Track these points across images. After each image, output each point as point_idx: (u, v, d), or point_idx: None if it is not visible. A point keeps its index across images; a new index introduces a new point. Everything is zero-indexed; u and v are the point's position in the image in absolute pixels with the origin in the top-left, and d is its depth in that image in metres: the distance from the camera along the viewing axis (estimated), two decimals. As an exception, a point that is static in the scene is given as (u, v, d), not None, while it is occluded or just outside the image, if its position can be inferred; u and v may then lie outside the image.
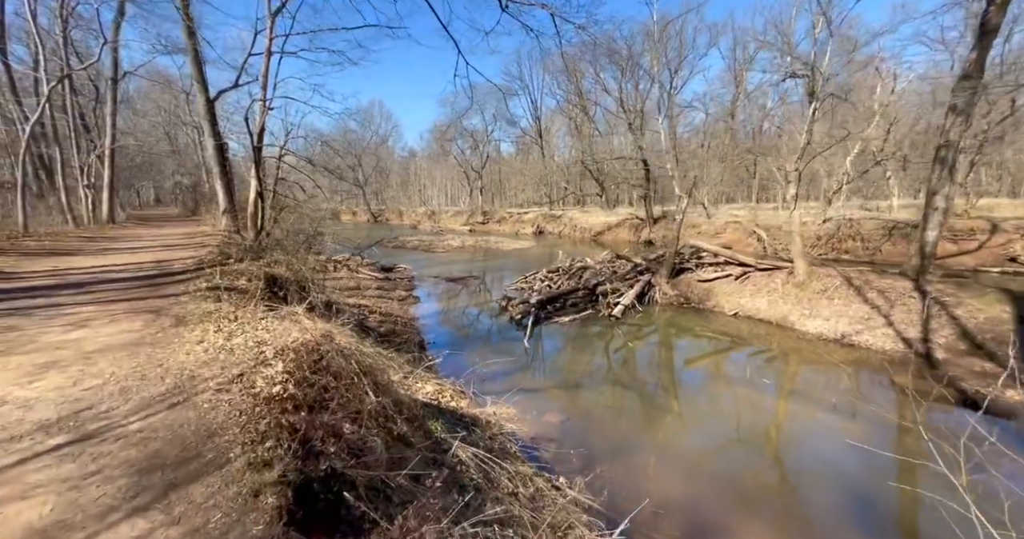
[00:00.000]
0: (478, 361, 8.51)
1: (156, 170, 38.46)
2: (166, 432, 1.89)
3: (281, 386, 2.15)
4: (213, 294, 4.35)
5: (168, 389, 2.32)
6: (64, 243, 10.04)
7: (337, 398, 2.43)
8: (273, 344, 2.77)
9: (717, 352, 8.68)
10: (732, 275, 11.11)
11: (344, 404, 2.45)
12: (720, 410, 6.28)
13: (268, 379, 2.25)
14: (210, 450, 1.74)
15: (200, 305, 4.00)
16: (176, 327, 3.45)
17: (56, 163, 14.33)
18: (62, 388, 2.39)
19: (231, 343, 3.01)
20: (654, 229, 28.57)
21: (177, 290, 4.74)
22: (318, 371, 2.56)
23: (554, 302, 12.11)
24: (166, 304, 4.17)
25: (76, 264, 6.84)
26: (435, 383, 5.16)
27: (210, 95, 13.38)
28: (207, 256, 7.02)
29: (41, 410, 2.14)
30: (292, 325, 3.18)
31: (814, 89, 9.19)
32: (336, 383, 2.55)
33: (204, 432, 1.88)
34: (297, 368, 2.36)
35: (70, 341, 3.18)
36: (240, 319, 3.54)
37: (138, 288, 4.93)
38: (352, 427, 2.13)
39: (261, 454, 1.67)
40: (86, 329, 3.43)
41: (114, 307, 4.11)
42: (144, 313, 3.88)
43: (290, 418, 1.92)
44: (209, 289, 4.49)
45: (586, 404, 6.45)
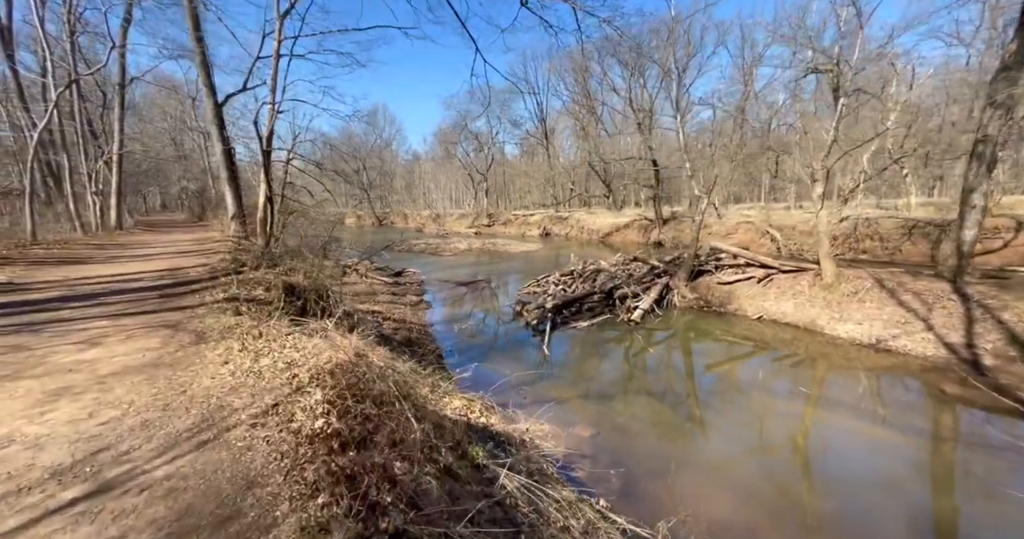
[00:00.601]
0: (496, 369, 8.25)
1: (162, 176, 38.56)
2: (197, 480, 1.63)
3: (323, 420, 1.89)
4: (232, 306, 4.11)
5: (195, 423, 2.06)
6: (73, 251, 9.87)
7: (382, 429, 2.16)
8: (305, 365, 2.52)
9: (744, 358, 8.36)
10: (755, 277, 10.78)
11: (390, 436, 2.18)
12: (756, 421, 5.96)
13: (308, 410, 1.99)
14: (251, 506, 1.48)
15: (220, 319, 3.76)
16: (196, 345, 3.21)
17: (64, 170, 14.22)
18: (76, 421, 2.13)
19: (259, 365, 2.75)
20: (663, 230, 28.24)
21: (193, 301, 4.51)
22: (359, 397, 2.30)
23: (569, 306, 11.83)
24: (183, 318, 3.93)
25: (87, 273, 6.63)
26: (463, 398, 4.88)
27: (218, 99, 13.22)
28: (220, 264, 6.80)
29: (53, 451, 1.88)
30: (322, 342, 2.93)
31: (839, 84, 8.87)
32: (378, 411, 2.29)
33: (242, 480, 1.62)
34: (338, 397, 2.10)
35: (83, 362, 2.94)
36: (265, 336, 3.29)
37: (152, 299, 4.70)
38: (403, 466, 1.87)
39: (315, 515, 1.41)
40: (100, 348, 3.19)
41: (128, 321, 3.88)
42: (161, 328, 3.64)
43: (339, 460, 1.65)
44: (227, 300, 4.24)
45: (615, 415, 6.16)
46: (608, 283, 12.64)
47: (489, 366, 8.33)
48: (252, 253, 7.84)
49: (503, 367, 8.45)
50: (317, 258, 7.25)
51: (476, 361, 8.91)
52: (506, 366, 8.56)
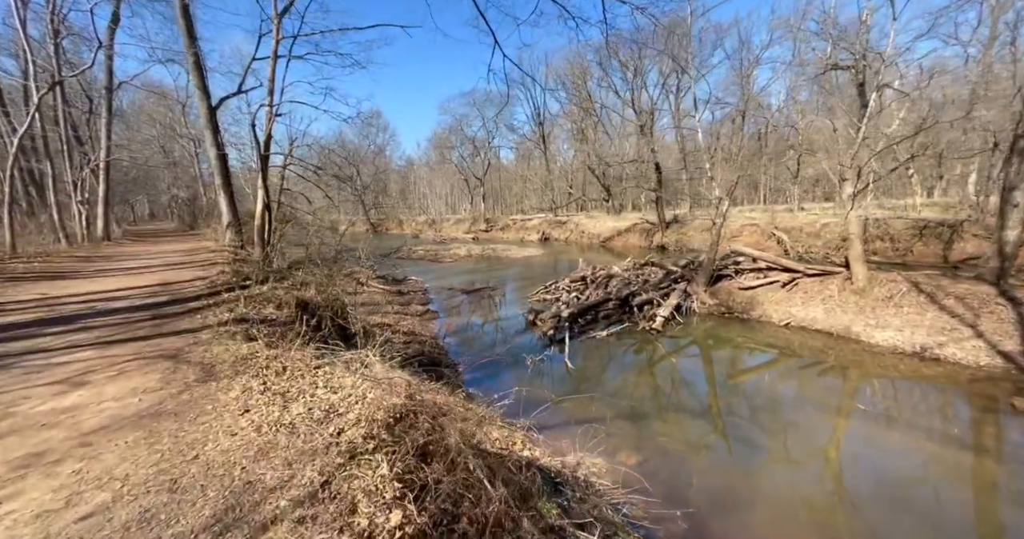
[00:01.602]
0: (517, 386, 7.70)
1: (151, 184, 37.60)
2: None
3: (400, 513, 1.35)
4: (241, 329, 3.53)
5: (216, 514, 1.48)
6: (56, 264, 9.17)
7: (461, 505, 1.62)
8: (350, 414, 1.97)
9: (780, 368, 7.90)
10: (779, 281, 10.36)
11: (470, 514, 1.64)
12: (811, 442, 5.45)
13: (373, 494, 1.44)
14: None
15: (229, 346, 3.19)
16: (205, 383, 2.63)
17: (47, 178, 13.48)
18: (47, 514, 1.53)
19: (289, 413, 2.18)
20: (666, 234, 27.92)
21: (194, 323, 3.93)
22: (425, 458, 1.75)
23: (585, 314, 11.32)
24: (184, 345, 3.36)
25: (70, 290, 5.99)
26: (501, 426, 4.31)
27: (212, 102, 12.61)
28: (220, 277, 6.19)
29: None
30: (360, 379, 2.38)
31: (864, 79, 8.57)
32: (450, 478, 1.74)
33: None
34: (405, 469, 1.55)
35: (62, 412, 2.35)
36: (290, 370, 2.72)
37: (146, 322, 4.10)
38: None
39: None
40: (84, 389, 2.60)
41: (119, 351, 3.29)
42: (159, 359, 3.06)
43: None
44: (236, 322, 3.67)
45: (657, 438, 5.63)
46: (624, 289, 12.16)
47: (507, 381, 7.78)
48: (254, 264, 7.24)
49: (523, 382, 7.89)
50: (328, 269, 6.66)
51: (493, 376, 8.38)
52: (527, 381, 8.00)
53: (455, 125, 48.46)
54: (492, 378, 8.26)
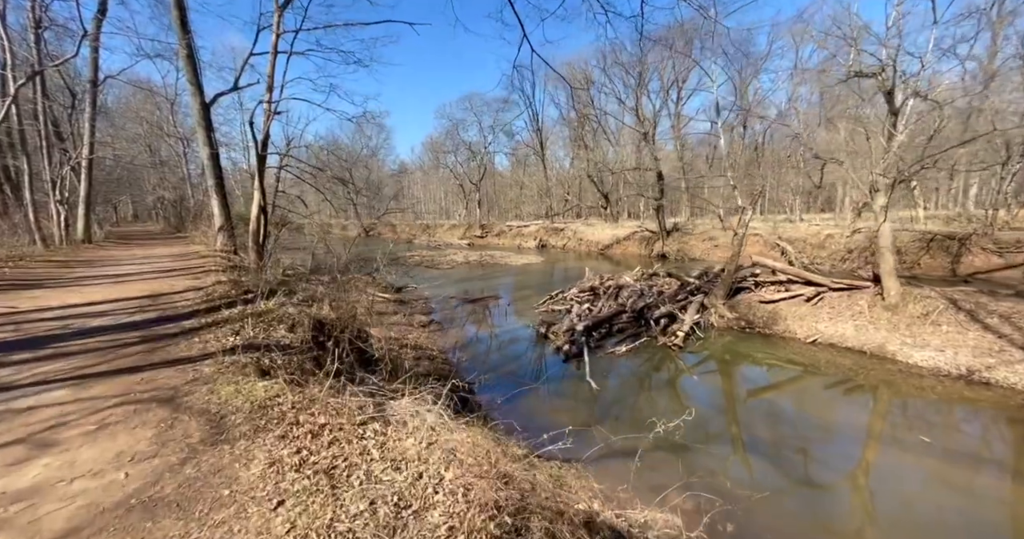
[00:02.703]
0: (540, 409, 7.12)
1: (136, 184, 36.28)
2: None
3: None
4: (251, 359, 2.91)
5: None
6: (30, 270, 8.34)
7: None
8: (430, 512, 1.39)
9: (811, 389, 7.44)
10: (803, 295, 9.96)
11: None
12: (895, 484, 4.93)
13: None
14: None
15: (240, 385, 2.56)
16: (215, 446, 1.99)
17: (24, 175, 12.57)
18: None
19: (345, 512, 1.52)
20: (667, 242, 27.66)
21: (193, 349, 3.28)
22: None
23: (598, 328, 10.80)
24: (183, 382, 2.71)
25: (43, 302, 5.26)
26: (548, 470, 3.72)
27: (205, 98, 11.89)
28: (217, 287, 5.51)
29: None
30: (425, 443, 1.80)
31: (893, 87, 8.30)
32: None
33: None
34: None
35: (15, 499, 1.66)
36: (328, 427, 2.10)
37: (134, 345, 3.44)
38: None
39: None
40: (51, 455, 1.91)
41: (100, 389, 2.63)
42: (151, 405, 2.41)
43: None
44: (244, 349, 3.03)
45: (712, 476, 5.06)
46: (638, 302, 11.68)
47: (530, 405, 7.19)
48: (253, 274, 6.55)
49: (547, 406, 7.33)
50: (339, 281, 6.02)
51: (511, 397, 7.77)
52: (549, 404, 7.44)
53: (452, 129, 48.02)
54: (509, 398, 7.66)
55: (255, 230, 11.25)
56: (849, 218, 23.34)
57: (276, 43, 10.94)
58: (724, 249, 25.25)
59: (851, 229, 19.46)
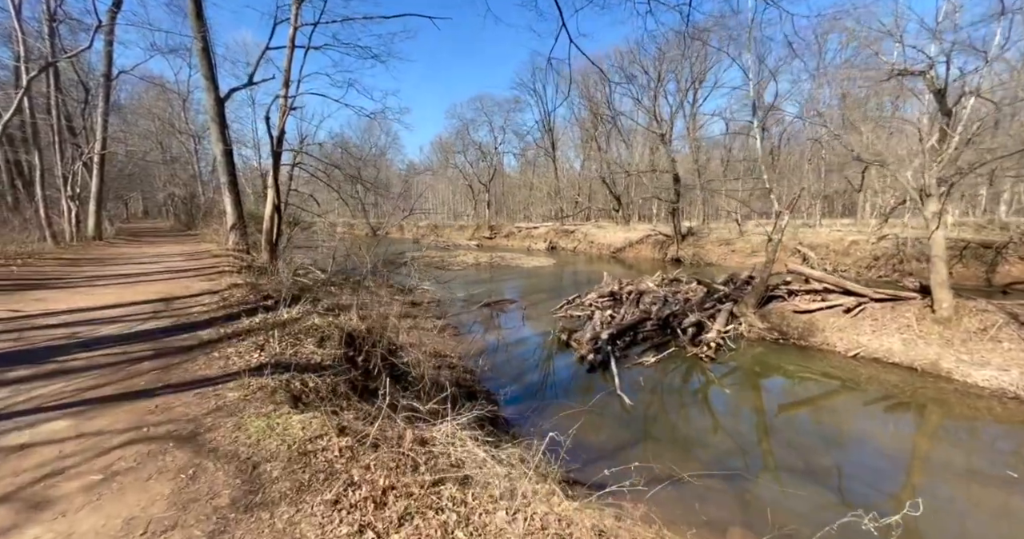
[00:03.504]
0: (569, 426, 6.68)
1: (147, 181, 36.33)
2: None
3: None
4: (280, 382, 2.50)
5: None
6: (38, 268, 8.03)
7: None
8: None
9: (864, 409, 6.93)
10: (842, 306, 9.44)
11: None
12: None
13: None
14: None
15: (271, 418, 2.15)
16: (250, 513, 1.55)
17: (35, 171, 12.34)
18: None
19: None
20: (682, 246, 27.10)
21: (213, 366, 2.90)
22: None
23: (623, 336, 10.36)
24: (204, 412, 2.31)
25: (49, 305, 4.90)
26: (594, 509, 3.26)
27: (220, 93, 11.59)
28: (234, 291, 5.14)
29: None
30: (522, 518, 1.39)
31: (944, 87, 7.80)
32: None
33: None
34: None
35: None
36: (394, 490, 1.66)
37: (146, 360, 3.06)
38: None
39: None
40: (41, 523, 1.47)
41: (106, 419, 2.24)
42: (167, 446, 1.99)
43: None
44: (271, 368, 2.62)
45: (768, 509, 4.59)
46: (664, 309, 11.22)
47: (562, 422, 6.74)
48: (272, 278, 6.17)
49: (580, 423, 6.86)
50: (363, 285, 5.61)
51: (537, 409, 7.34)
52: (582, 421, 6.97)
53: (462, 129, 47.75)
54: (537, 411, 7.23)
55: (269, 229, 10.91)
56: (873, 224, 22.68)
57: (293, 36, 10.60)
58: (742, 254, 24.63)
59: (877, 235, 18.83)
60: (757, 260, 23.91)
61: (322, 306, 4.33)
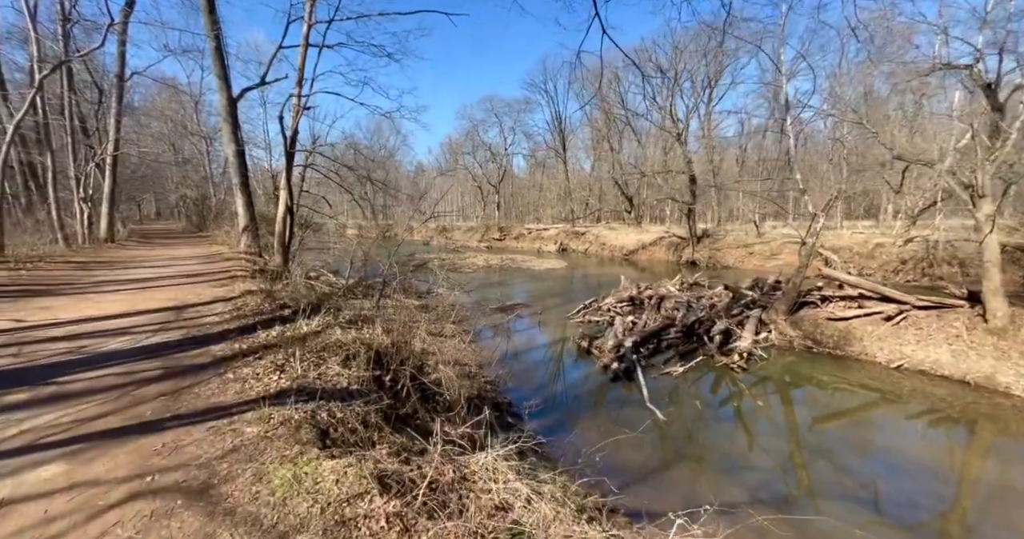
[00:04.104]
0: (596, 441, 6.28)
1: (159, 183, 36.55)
2: None
3: None
4: (305, 415, 2.15)
5: None
6: (47, 272, 7.82)
7: None
8: None
9: (918, 424, 6.45)
10: (882, 313, 8.92)
11: None
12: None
13: None
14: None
15: (300, 468, 1.79)
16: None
17: (48, 172, 12.22)
18: None
19: None
20: (698, 249, 26.52)
21: (228, 391, 2.56)
22: None
23: (646, 343, 9.93)
24: (218, 454, 1.96)
25: (55, 313, 4.63)
26: None
27: (233, 93, 11.37)
28: (248, 299, 4.82)
29: None
30: None
31: (996, 80, 7.31)
32: None
33: None
34: None
35: None
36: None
37: (154, 383, 2.74)
38: None
39: None
40: None
41: (104, 466, 1.88)
42: (174, 504, 1.61)
43: None
44: (295, 395, 2.27)
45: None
46: (689, 315, 10.75)
47: (591, 438, 6.33)
48: (288, 284, 5.86)
49: (611, 440, 6.44)
50: (386, 293, 5.27)
51: (562, 423, 6.96)
52: (613, 437, 6.54)
53: (472, 130, 47.51)
54: (562, 426, 6.84)
55: (281, 231, 10.64)
56: (897, 226, 21.95)
57: (307, 34, 10.34)
58: (760, 257, 24.00)
59: (904, 238, 18.15)
60: (777, 263, 23.30)
61: (343, 317, 4.00)
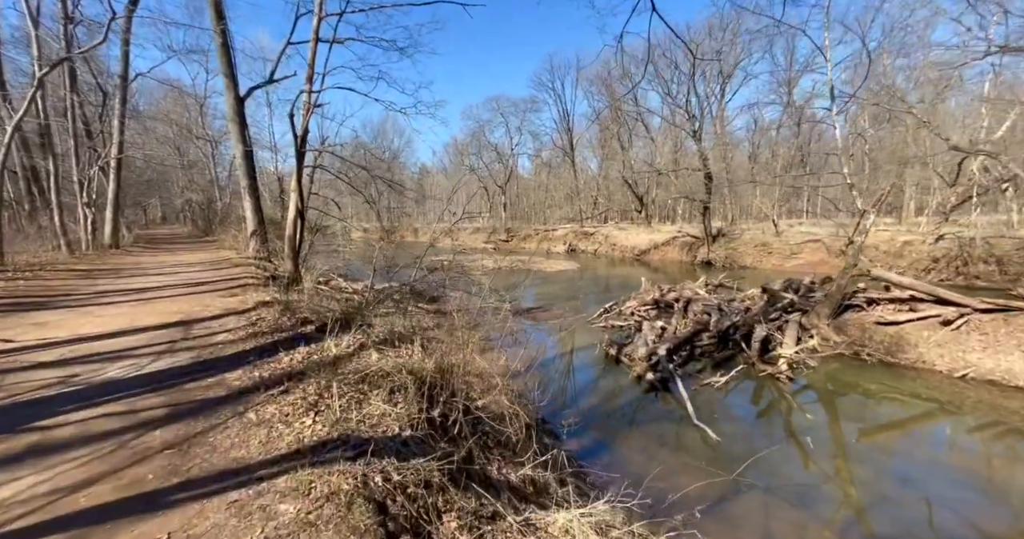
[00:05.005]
0: (646, 465, 5.69)
1: (164, 187, 36.31)
2: None
3: None
4: (356, 483, 1.61)
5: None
6: (47, 281, 7.33)
7: None
8: None
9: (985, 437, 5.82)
10: (940, 317, 8.28)
11: None
12: None
13: None
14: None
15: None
16: None
17: (50, 176, 11.80)
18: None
19: None
20: (713, 248, 25.84)
21: (250, 440, 2.02)
22: None
23: (679, 350, 9.34)
24: None
25: (49, 331, 4.11)
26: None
27: (240, 92, 10.90)
28: (264, 313, 4.29)
29: None
30: None
31: None
32: None
33: None
34: None
35: None
36: None
37: (157, 427, 2.20)
38: None
39: None
40: None
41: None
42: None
43: None
44: (341, 448, 1.74)
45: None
46: (723, 320, 10.13)
47: (640, 462, 5.76)
48: (300, 289, 5.33)
49: (663, 466, 5.82)
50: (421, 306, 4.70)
51: (603, 444, 6.39)
52: (654, 456, 5.95)
53: (478, 131, 47.03)
54: (605, 447, 6.28)
55: (291, 235, 10.11)
56: (923, 223, 21.20)
57: (318, 27, 9.83)
58: (780, 256, 23.28)
59: (935, 235, 17.42)
60: (798, 262, 22.58)
61: (375, 335, 3.46)
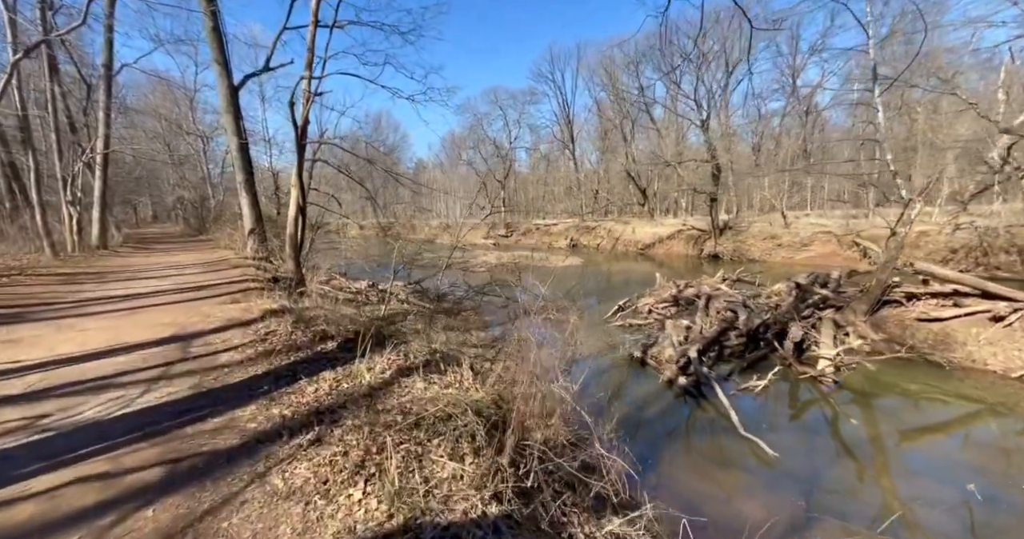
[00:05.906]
0: (697, 486, 5.16)
1: (155, 184, 35.28)
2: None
3: None
4: None
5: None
6: (27, 287, 6.65)
7: None
8: None
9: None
10: (989, 312, 7.79)
11: None
12: None
13: None
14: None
15: None
16: None
17: (31, 172, 11.02)
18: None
19: None
20: (720, 241, 25.36)
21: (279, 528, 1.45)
22: None
23: (708, 351, 8.83)
24: None
25: (18, 352, 3.49)
26: None
27: (233, 80, 10.16)
28: (273, 325, 3.68)
29: None
30: None
31: None
32: None
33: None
34: None
35: None
36: None
37: (145, 504, 1.61)
38: None
39: None
40: None
41: None
42: None
43: None
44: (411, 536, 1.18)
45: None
46: (753, 318, 9.61)
47: (680, 477, 5.23)
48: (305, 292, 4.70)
49: (700, 478, 5.28)
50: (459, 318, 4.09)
51: (640, 455, 5.83)
52: (702, 474, 5.41)
53: (476, 124, 46.17)
54: (644, 461, 5.72)
55: (293, 234, 9.46)
56: (936, 213, 20.79)
57: (316, 9, 9.11)
58: (790, 249, 22.82)
59: (953, 225, 16.99)
60: (808, 255, 22.13)
61: (417, 356, 2.87)
